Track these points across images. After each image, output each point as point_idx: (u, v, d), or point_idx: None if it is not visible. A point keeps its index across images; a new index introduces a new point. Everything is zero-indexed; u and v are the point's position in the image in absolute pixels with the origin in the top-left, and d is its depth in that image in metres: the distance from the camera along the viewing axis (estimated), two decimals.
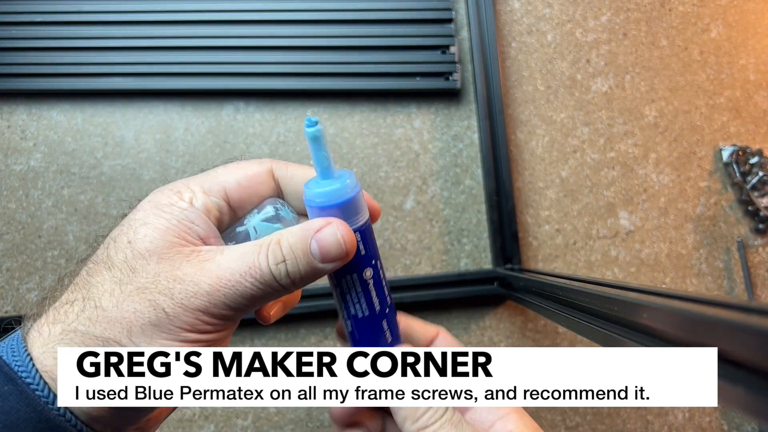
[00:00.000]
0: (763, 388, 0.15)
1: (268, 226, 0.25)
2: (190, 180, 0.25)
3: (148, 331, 0.22)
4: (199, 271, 0.22)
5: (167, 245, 0.23)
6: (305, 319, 0.53)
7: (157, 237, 0.23)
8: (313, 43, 0.54)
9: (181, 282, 0.22)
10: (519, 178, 0.56)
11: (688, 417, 0.54)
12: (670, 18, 0.58)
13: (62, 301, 0.22)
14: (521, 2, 0.58)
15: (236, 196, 0.25)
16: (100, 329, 0.21)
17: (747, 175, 0.55)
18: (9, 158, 0.54)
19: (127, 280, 0.22)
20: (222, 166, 0.26)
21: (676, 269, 0.55)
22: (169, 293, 0.22)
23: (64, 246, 0.53)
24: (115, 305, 0.22)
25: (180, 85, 0.54)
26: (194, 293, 0.22)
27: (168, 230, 0.23)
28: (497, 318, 0.54)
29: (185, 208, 0.24)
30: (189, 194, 0.24)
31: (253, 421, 0.52)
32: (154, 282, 0.22)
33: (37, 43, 0.53)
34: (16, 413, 0.21)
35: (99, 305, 0.22)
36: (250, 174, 0.25)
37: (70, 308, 0.22)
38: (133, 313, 0.22)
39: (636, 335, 0.23)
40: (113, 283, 0.22)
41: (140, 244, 0.22)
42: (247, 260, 0.23)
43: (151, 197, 0.24)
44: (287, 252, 0.23)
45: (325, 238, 0.23)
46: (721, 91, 0.58)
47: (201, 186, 0.25)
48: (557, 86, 0.57)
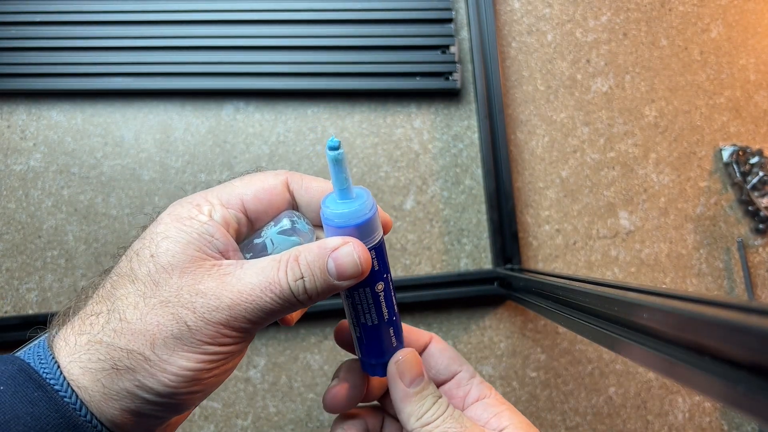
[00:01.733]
0: (763, 388, 0.15)
1: (284, 239, 0.26)
2: (208, 193, 0.26)
3: (171, 343, 0.22)
4: (220, 286, 0.23)
5: (189, 259, 0.23)
6: (305, 320, 0.53)
7: (178, 251, 0.23)
8: (313, 43, 0.54)
9: (203, 296, 0.23)
10: (519, 178, 0.55)
11: (688, 417, 0.54)
12: (670, 18, 0.58)
13: (87, 312, 0.23)
14: (521, 2, 0.58)
15: (253, 208, 0.26)
16: (125, 341, 0.22)
17: (747, 175, 0.55)
18: (9, 158, 0.54)
19: (150, 294, 0.23)
20: (239, 179, 0.26)
21: (676, 269, 0.55)
22: (192, 307, 0.23)
23: (64, 246, 0.53)
24: (139, 318, 0.22)
25: (180, 85, 0.54)
26: (216, 307, 0.23)
27: (189, 244, 0.23)
28: (497, 318, 0.54)
29: (205, 222, 0.24)
30: (208, 207, 0.25)
31: (253, 421, 0.52)
32: (177, 296, 0.23)
33: (37, 43, 0.53)
34: (45, 419, 0.21)
35: (124, 318, 0.22)
36: (266, 187, 0.26)
37: (95, 320, 0.23)
38: (157, 326, 0.22)
39: (636, 335, 0.23)
40: (137, 296, 0.23)
41: (163, 258, 0.23)
42: (266, 276, 0.23)
43: (171, 210, 0.25)
44: (305, 269, 0.24)
45: (341, 257, 0.24)
46: (721, 91, 0.58)
47: (219, 199, 0.25)
48: (557, 86, 0.57)
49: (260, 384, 0.52)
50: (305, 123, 0.55)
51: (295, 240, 0.26)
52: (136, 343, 0.22)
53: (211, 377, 0.24)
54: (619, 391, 0.54)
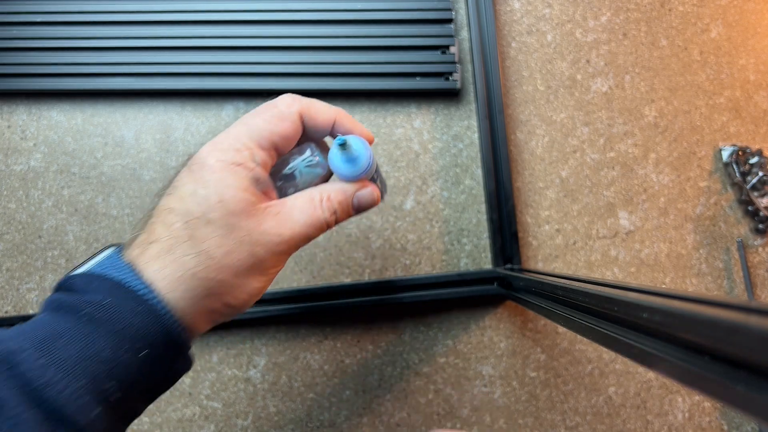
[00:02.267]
0: (763, 388, 0.15)
1: (309, 170, 0.33)
2: (239, 136, 0.30)
3: (248, 272, 0.30)
4: (278, 225, 0.30)
5: (250, 203, 0.29)
6: (305, 319, 0.53)
7: (241, 198, 0.29)
8: (313, 43, 0.54)
9: (267, 235, 0.30)
10: (519, 178, 0.56)
11: (687, 417, 0.54)
12: (669, 18, 0.58)
13: (175, 253, 0.28)
14: (521, 2, 0.58)
15: (281, 145, 0.32)
16: (214, 274, 0.29)
17: (747, 175, 0.55)
18: (9, 158, 0.54)
19: (226, 234, 0.29)
20: (259, 115, 0.31)
21: (676, 269, 0.56)
22: (260, 243, 0.29)
23: (65, 246, 0.53)
24: (224, 255, 0.29)
25: (180, 85, 0.54)
26: (278, 242, 0.30)
27: (246, 190, 0.29)
28: (497, 318, 0.54)
29: (253, 168, 0.30)
30: (248, 152, 0.30)
31: (253, 420, 0.52)
32: (248, 236, 0.29)
33: (38, 43, 0.53)
34: (149, 328, 0.27)
35: (213, 257, 0.28)
36: (289, 125, 0.32)
37: (184, 257, 0.28)
38: (238, 261, 0.29)
39: (635, 335, 0.23)
40: (218, 236, 0.29)
41: (231, 204, 0.29)
42: (310, 214, 0.31)
43: (214, 155, 0.30)
44: (337, 206, 0.32)
45: (363, 196, 0.34)
46: (721, 91, 0.58)
47: (254, 141, 0.30)
48: (557, 86, 0.57)
49: (260, 384, 0.53)
50: None
51: (318, 171, 0.34)
52: (224, 274, 0.29)
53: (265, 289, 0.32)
54: (619, 390, 0.54)
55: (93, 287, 0.27)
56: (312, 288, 0.51)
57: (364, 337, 0.54)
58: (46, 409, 0.23)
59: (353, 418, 0.53)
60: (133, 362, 0.26)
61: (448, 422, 0.53)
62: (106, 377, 0.25)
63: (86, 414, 0.25)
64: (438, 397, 0.53)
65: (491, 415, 0.53)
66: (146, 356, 0.27)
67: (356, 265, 0.54)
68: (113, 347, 0.26)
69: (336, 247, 0.54)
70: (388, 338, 0.54)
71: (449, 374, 0.53)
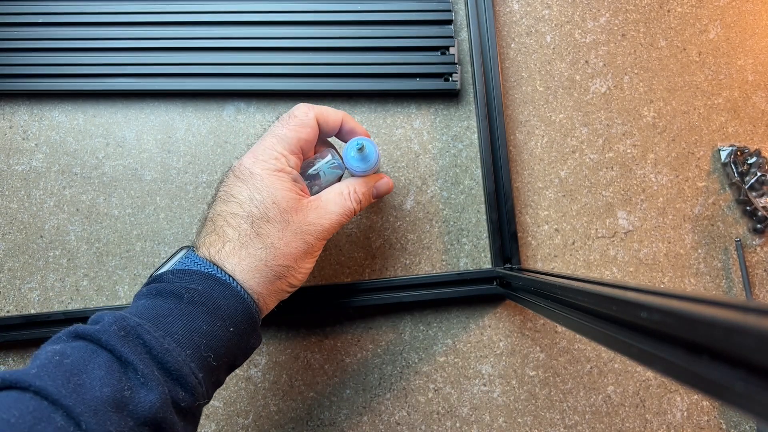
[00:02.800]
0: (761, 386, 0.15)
1: (332, 171, 0.41)
2: (274, 146, 0.37)
3: (304, 256, 0.37)
4: (319, 217, 0.37)
5: (295, 202, 0.36)
6: (306, 319, 0.54)
7: (289, 197, 0.36)
8: (314, 44, 0.54)
9: (313, 225, 0.37)
10: (518, 178, 0.56)
11: (686, 416, 0.54)
12: (668, 19, 0.59)
13: (248, 248, 0.35)
14: (520, 4, 0.58)
15: (306, 149, 0.39)
16: (281, 261, 0.36)
17: (745, 175, 0.55)
18: (11, 158, 0.54)
19: (284, 228, 0.36)
20: (285, 127, 0.38)
21: (675, 269, 0.56)
22: (310, 232, 0.37)
23: (66, 246, 0.53)
24: (285, 245, 0.36)
25: (181, 85, 0.54)
26: (321, 231, 0.37)
27: (291, 190, 0.36)
28: (496, 317, 0.54)
29: (291, 171, 0.37)
30: (284, 159, 0.37)
31: (254, 419, 0.52)
32: (300, 227, 0.36)
33: (39, 44, 0.54)
34: (236, 307, 0.34)
35: (277, 247, 0.36)
36: (311, 132, 0.38)
37: (256, 251, 0.35)
38: (296, 249, 0.36)
39: (634, 334, 0.23)
40: (278, 231, 0.36)
41: (283, 203, 0.36)
42: (342, 205, 0.39)
43: (257, 164, 0.37)
44: (362, 197, 0.40)
45: (381, 186, 0.43)
46: (720, 92, 0.58)
47: (287, 149, 0.37)
48: (556, 87, 0.57)
49: (261, 383, 0.53)
50: None
51: (338, 171, 0.42)
52: (287, 260, 0.36)
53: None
54: (618, 389, 0.54)
55: (186, 279, 0.33)
56: (312, 288, 0.51)
57: (364, 337, 0.54)
58: (166, 371, 0.30)
59: (353, 417, 0.53)
60: (225, 336, 0.33)
61: (447, 421, 0.53)
62: (205, 348, 0.32)
63: (194, 376, 0.31)
64: (438, 396, 0.53)
65: (490, 413, 0.53)
66: (233, 332, 0.33)
67: (356, 265, 0.54)
68: (209, 324, 0.32)
69: (336, 246, 0.54)
70: (388, 337, 0.54)
71: (449, 373, 0.54)
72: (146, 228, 0.54)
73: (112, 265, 0.53)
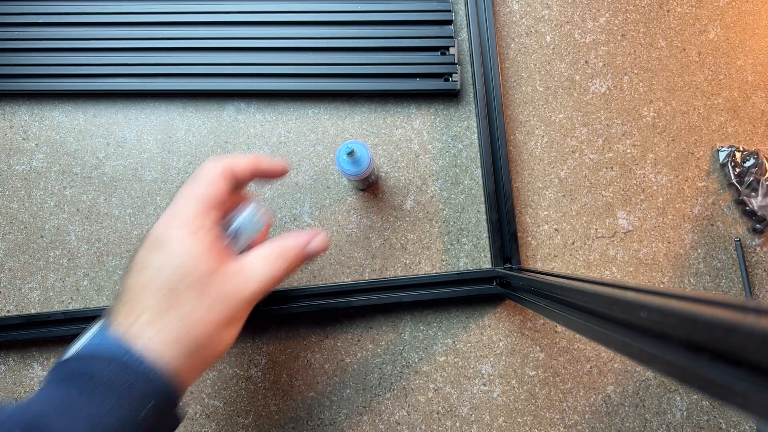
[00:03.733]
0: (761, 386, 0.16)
1: (253, 225, 0.39)
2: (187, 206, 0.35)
3: (227, 323, 0.34)
4: (239, 284, 0.35)
5: (215, 265, 0.34)
6: (305, 319, 0.54)
7: (208, 261, 0.34)
8: (314, 44, 0.54)
9: (232, 293, 0.34)
10: (518, 178, 0.56)
11: (686, 415, 0.54)
12: (668, 19, 0.59)
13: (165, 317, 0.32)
14: (520, 4, 0.58)
15: (222, 201, 0.37)
16: (201, 329, 0.33)
17: (744, 175, 0.56)
18: (11, 158, 0.54)
19: (204, 293, 0.33)
20: (196, 184, 0.36)
21: (674, 269, 0.56)
22: (233, 298, 0.34)
23: (66, 246, 0.54)
24: (206, 312, 0.33)
25: (181, 86, 0.54)
26: (246, 296, 0.35)
27: (209, 253, 0.34)
28: (496, 317, 0.54)
29: (210, 228, 0.35)
30: (200, 218, 0.35)
31: (254, 419, 0.52)
32: (221, 293, 0.34)
33: (40, 44, 0.54)
34: (144, 391, 0.31)
35: (196, 316, 0.33)
36: (225, 186, 0.37)
37: (174, 321, 0.32)
38: (218, 316, 0.34)
39: (634, 334, 0.23)
40: (196, 298, 0.33)
41: (201, 267, 0.33)
42: (266, 271, 0.36)
43: (177, 229, 0.34)
44: (291, 259, 0.38)
45: (313, 246, 0.39)
46: (719, 92, 0.58)
47: (201, 207, 0.35)
48: (556, 87, 0.57)
49: (261, 383, 0.53)
50: (306, 124, 0.56)
51: (261, 223, 0.39)
52: (209, 328, 0.33)
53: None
54: (618, 389, 0.54)
55: (92, 364, 0.31)
56: (312, 288, 0.52)
57: (365, 336, 0.54)
58: None
59: (353, 417, 0.53)
60: (135, 422, 0.30)
61: (447, 421, 0.53)
62: None
63: None
64: (437, 396, 0.53)
65: (490, 413, 0.53)
66: (144, 416, 0.31)
67: (356, 265, 0.54)
68: (116, 416, 0.29)
69: (336, 246, 0.54)
70: (388, 337, 0.54)
71: (449, 373, 0.54)
72: (146, 228, 0.54)
73: (113, 265, 0.53)
